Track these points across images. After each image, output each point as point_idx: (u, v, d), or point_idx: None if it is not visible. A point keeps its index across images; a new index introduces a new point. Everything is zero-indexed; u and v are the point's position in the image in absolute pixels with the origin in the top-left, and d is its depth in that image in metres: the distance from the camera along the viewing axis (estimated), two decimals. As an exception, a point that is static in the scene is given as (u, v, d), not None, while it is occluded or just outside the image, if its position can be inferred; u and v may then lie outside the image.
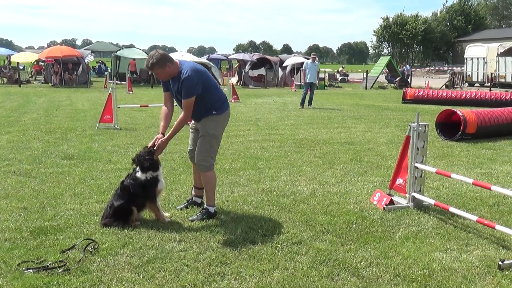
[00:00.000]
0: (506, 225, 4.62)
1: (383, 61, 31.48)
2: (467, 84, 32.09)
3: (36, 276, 3.55)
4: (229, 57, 36.24)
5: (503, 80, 30.08)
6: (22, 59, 31.11)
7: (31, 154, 7.95)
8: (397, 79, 30.74)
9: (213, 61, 32.06)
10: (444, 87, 29.41)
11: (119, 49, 34.62)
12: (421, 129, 5.26)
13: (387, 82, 32.00)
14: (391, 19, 69.61)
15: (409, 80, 31.61)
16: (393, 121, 13.02)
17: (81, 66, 28.85)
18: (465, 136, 9.74)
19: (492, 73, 29.89)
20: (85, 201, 5.40)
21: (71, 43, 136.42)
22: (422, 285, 3.54)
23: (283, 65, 30.90)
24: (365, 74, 31.23)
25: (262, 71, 31.50)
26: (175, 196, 5.64)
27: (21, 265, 3.71)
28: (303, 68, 17.25)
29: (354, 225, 4.74)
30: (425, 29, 66.81)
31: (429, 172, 5.65)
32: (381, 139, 10.04)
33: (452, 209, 4.80)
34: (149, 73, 30.15)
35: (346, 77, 37.44)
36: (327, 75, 33.67)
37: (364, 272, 3.73)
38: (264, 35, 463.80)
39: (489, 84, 28.72)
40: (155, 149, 4.68)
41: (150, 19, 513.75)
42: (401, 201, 5.44)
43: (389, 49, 71.95)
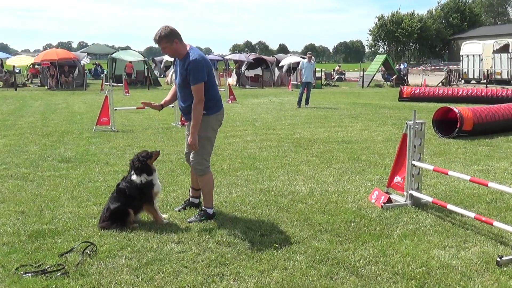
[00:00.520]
0: (504, 221, 4.63)
1: (379, 59, 31.57)
2: (463, 81, 32.20)
3: (34, 280, 3.54)
4: (225, 58, 36.27)
5: (499, 76, 30.23)
6: (18, 62, 30.98)
7: (28, 157, 7.93)
8: (394, 77, 30.80)
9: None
10: (440, 84, 29.49)
11: (115, 51, 34.57)
12: (418, 127, 5.27)
13: (384, 80, 32.06)
14: (386, 18, 69.77)
15: (406, 78, 31.68)
16: (390, 119, 13.03)
17: (77, 68, 28.80)
18: (462, 133, 9.77)
19: (488, 70, 29.99)
20: (82, 204, 5.39)
21: (67, 46, 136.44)
22: (421, 283, 3.55)
23: (279, 65, 30.93)
24: (362, 72, 31.29)
25: (258, 71, 31.51)
26: (173, 197, 5.63)
27: (20, 269, 3.70)
28: (300, 67, 17.27)
29: (352, 224, 4.75)
30: (421, 27, 66.97)
31: (426, 169, 5.67)
32: (378, 137, 10.05)
33: (450, 206, 4.81)
34: (146, 75, 30.27)
35: (342, 76, 37.51)
36: (323, 74, 33.72)
37: (363, 270, 3.74)
38: (260, 35, 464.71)
39: (485, 81, 28.81)
40: (189, 143, 4.66)
41: (145, 20, 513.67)
42: (399, 199, 5.45)
43: (385, 47, 72.12)
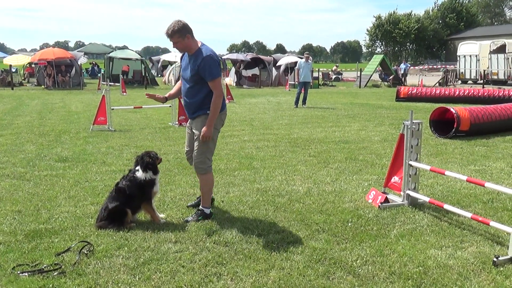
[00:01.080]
0: (500, 221, 4.64)
1: (377, 59, 31.61)
2: (460, 81, 32.29)
3: (31, 279, 3.53)
4: (223, 57, 36.24)
5: (495, 77, 30.32)
6: (14, 61, 30.87)
7: (25, 157, 7.91)
8: (391, 77, 30.86)
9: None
10: (437, 84, 29.54)
11: (112, 51, 34.51)
12: (415, 127, 5.28)
13: (381, 80, 32.11)
14: (383, 18, 69.88)
15: (405, 78, 31.72)
16: (387, 119, 13.06)
17: (74, 68, 28.74)
18: (458, 133, 9.79)
19: (484, 70, 30.08)
20: (79, 203, 5.38)
21: (63, 45, 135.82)
22: (417, 283, 3.55)
23: (276, 64, 30.92)
24: (359, 72, 31.32)
25: (256, 71, 31.47)
26: (170, 197, 5.63)
27: (16, 269, 3.69)
28: (297, 67, 17.27)
29: (349, 224, 4.76)
30: (418, 27, 67.09)
31: (423, 169, 5.68)
32: (375, 137, 10.07)
33: (446, 206, 4.82)
34: (143, 74, 30.22)
35: (340, 76, 37.53)
36: (321, 74, 33.74)
37: (360, 270, 3.74)
38: (257, 35, 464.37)
39: (482, 81, 28.90)
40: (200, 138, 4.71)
41: (142, 20, 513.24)
42: (396, 199, 5.45)
43: (383, 47, 72.21)
